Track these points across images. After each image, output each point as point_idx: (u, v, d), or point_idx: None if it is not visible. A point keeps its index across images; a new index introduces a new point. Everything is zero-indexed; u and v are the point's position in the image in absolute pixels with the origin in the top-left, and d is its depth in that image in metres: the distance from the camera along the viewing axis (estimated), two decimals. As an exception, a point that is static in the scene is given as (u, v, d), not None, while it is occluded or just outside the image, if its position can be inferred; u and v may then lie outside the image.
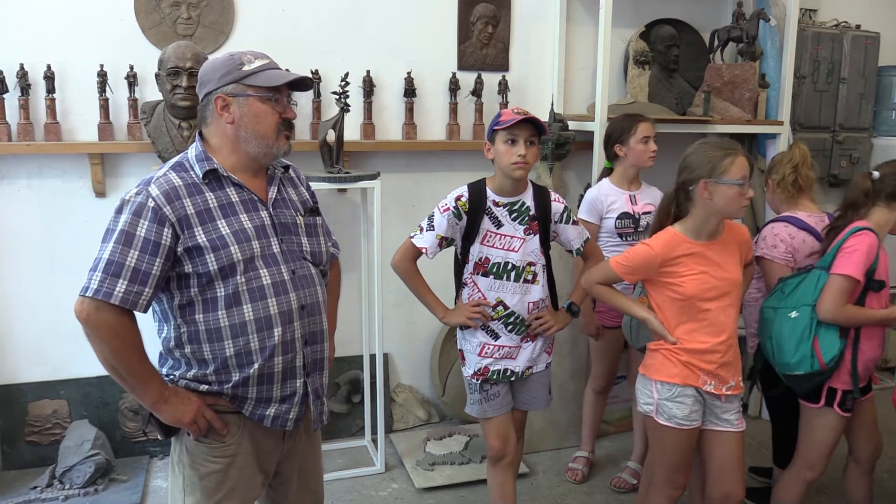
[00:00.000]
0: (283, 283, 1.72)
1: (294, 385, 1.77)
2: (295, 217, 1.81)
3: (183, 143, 2.96)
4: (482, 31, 3.60)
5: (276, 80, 1.69)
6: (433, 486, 3.15)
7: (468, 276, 2.41)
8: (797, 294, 2.40)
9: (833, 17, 4.22)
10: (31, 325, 3.21)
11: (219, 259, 1.64)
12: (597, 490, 3.19)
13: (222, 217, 1.68)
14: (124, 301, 1.57)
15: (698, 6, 3.95)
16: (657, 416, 2.27)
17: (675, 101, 3.71)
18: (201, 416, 1.70)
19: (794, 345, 2.36)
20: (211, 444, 1.74)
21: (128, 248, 1.59)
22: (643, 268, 2.25)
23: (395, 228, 3.53)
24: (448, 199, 2.38)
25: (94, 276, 1.58)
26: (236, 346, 1.68)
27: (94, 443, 3.09)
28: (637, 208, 3.00)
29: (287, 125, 1.75)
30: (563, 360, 3.47)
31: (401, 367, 3.79)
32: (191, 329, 1.69)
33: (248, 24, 3.28)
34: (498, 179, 2.38)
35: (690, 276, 2.19)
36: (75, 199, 3.18)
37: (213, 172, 1.70)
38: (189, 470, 1.76)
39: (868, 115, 4.28)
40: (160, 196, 1.63)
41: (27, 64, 2.98)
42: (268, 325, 1.69)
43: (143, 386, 1.65)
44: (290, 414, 1.78)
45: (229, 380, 1.70)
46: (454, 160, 3.64)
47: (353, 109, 3.32)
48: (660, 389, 2.26)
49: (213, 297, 1.66)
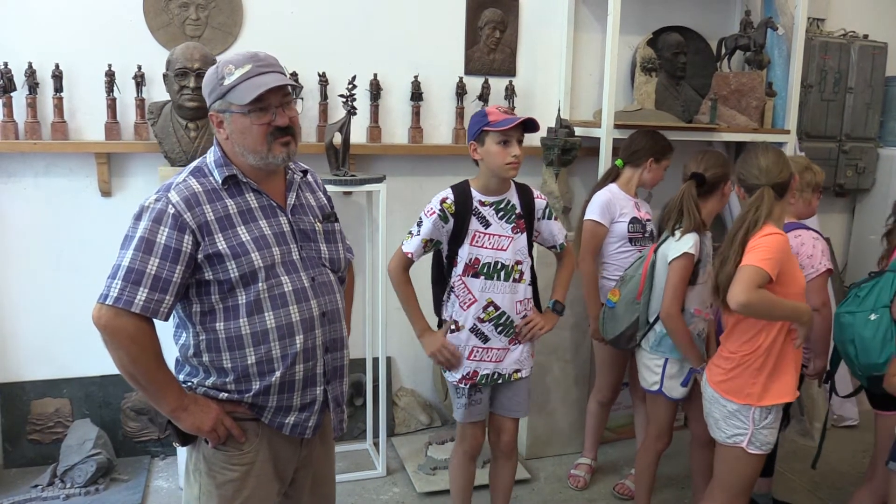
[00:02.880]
0: (303, 290, 1.70)
1: (314, 393, 1.75)
2: (314, 223, 1.78)
3: (189, 143, 2.96)
4: (490, 36, 3.61)
5: (247, 97, 1.60)
6: (434, 491, 3.14)
7: (457, 279, 2.38)
8: (872, 297, 2.40)
9: (841, 26, 4.22)
10: (36, 324, 3.21)
11: (240, 266, 1.62)
12: (599, 497, 3.18)
13: (242, 224, 1.65)
14: (145, 309, 1.55)
15: (706, 14, 3.95)
16: (749, 447, 2.20)
17: (682, 108, 3.71)
18: (220, 423, 1.67)
19: (878, 345, 2.34)
20: (229, 451, 1.71)
21: (148, 256, 1.56)
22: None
23: (400, 232, 3.51)
24: (433, 202, 2.36)
25: (113, 283, 1.55)
26: (258, 354, 1.66)
27: (96, 442, 3.08)
28: (642, 215, 3.03)
29: (281, 132, 1.66)
30: (566, 365, 3.47)
31: (403, 371, 3.78)
32: (210, 337, 1.66)
33: (256, 26, 3.28)
34: (483, 179, 2.37)
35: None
36: (81, 198, 3.19)
37: (232, 178, 1.68)
38: (206, 478, 1.73)
39: (874, 124, 4.27)
40: (180, 202, 1.60)
41: (35, 63, 2.99)
42: (290, 332, 1.67)
43: (162, 393, 1.62)
44: (310, 422, 1.76)
45: (249, 389, 1.68)
46: (460, 164, 3.63)
47: (360, 112, 3.33)
48: (758, 416, 2.18)
49: (234, 305, 1.64)
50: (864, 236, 4.41)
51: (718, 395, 2.24)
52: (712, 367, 2.31)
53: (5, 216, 3.13)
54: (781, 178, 2.20)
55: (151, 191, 1.68)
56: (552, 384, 3.46)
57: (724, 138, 3.63)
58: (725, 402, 2.22)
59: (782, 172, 2.20)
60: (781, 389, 2.18)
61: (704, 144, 3.77)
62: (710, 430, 2.32)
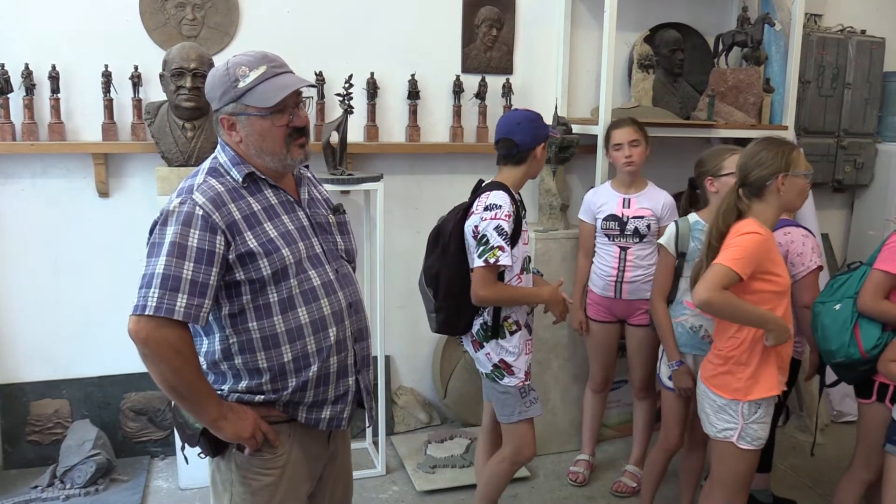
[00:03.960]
0: (330, 282, 1.70)
1: (347, 383, 1.75)
2: (327, 216, 1.79)
3: (186, 143, 2.96)
4: (486, 34, 3.60)
5: (272, 99, 1.60)
6: (434, 489, 3.14)
7: (514, 278, 2.41)
8: (843, 288, 2.45)
9: (838, 22, 4.21)
10: (34, 325, 3.20)
11: (272, 263, 1.60)
12: (598, 494, 3.18)
13: (267, 220, 1.64)
14: (187, 316, 1.51)
15: (703, 10, 3.94)
16: (739, 442, 2.21)
17: (680, 105, 3.71)
18: (258, 429, 1.65)
19: (835, 333, 2.40)
20: (264, 456, 1.69)
21: (182, 261, 1.52)
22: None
23: (397, 231, 3.53)
24: (503, 205, 2.32)
25: (149, 293, 1.50)
26: (294, 351, 1.65)
27: (96, 442, 3.08)
28: (628, 212, 3.01)
29: (298, 133, 1.67)
30: (565, 363, 3.47)
31: (402, 370, 3.78)
32: (242, 339, 1.64)
33: (252, 26, 3.28)
34: (520, 179, 2.45)
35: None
36: (79, 198, 3.18)
37: (250, 176, 1.66)
38: (239, 487, 1.70)
39: (873, 120, 4.27)
40: (207, 203, 1.57)
41: (32, 64, 2.99)
42: (323, 325, 1.67)
43: (205, 404, 1.59)
44: (345, 413, 1.76)
45: (286, 386, 1.66)
46: (457, 163, 3.64)
47: (357, 111, 3.33)
48: (747, 411, 2.19)
49: (265, 304, 1.62)
50: (863, 232, 4.40)
51: (708, 389, 2.26)
52: (706, 362, 2.32)
53: (3, 217, 3.13)
54: (751, 179, 2.18)
55: (149, 191, 1.67)
56: (551, 382, 3.46)
57: (721, 135, 3.62)
58: (715, 396, 2.24)
59: (752, 173, 2.18)
60: (767, 383, 2.19)
61: (702, 141, 3.77)
62: (703, 426, 2.33)
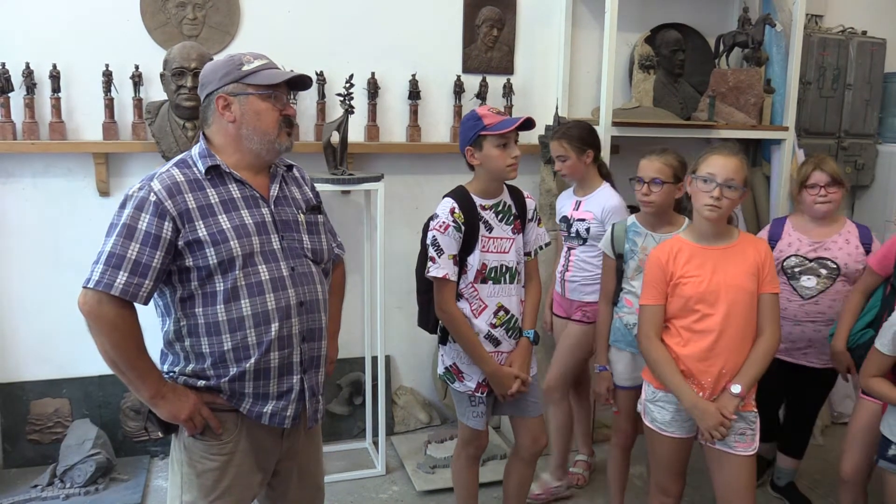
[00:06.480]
0: (281, 279, 1.74)
1: (290, 381, 1.78)
2: (296, 214, 1.83)
3: (187, 143, 2.96)
4: (487, 35, 3.60)
5: (276, 79, 1.74)
6: (434, 489, 3.15)
7: (468, 286, 2.33)
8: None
9: (839, 23, 4.21)
10: (35, 324, 3.21)
11: (218, 253, 1.67)
12: (598, 494, 3.18)
13: (223, 212, 1.71)
14: (124, 292, 1.60)
15: (704, 11, 3.94)
16: (644, 417, 2.33)
17: (680, 105, 3.71)
18: (198, 412, 1.72)
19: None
20: (208, 441, 1.77)
21: (129, 241, 1.62)
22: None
23: (398, 231, 3.53)
24: (441, 215, 2.27)
25: (96, 267, 1.62)
26: (234, 341, 1.70)
27: (96, 442, 3.09)
28: (576, 214, 2.95)
29: (287, 122, 1.78)
30: (565, 364, 3.46)
31: (402, 370, 3.78)
32: (190, 322, 1.71)
33: (253, 25, 3.28)
34: (482, 183, 2.34)
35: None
36: (80, 198, 3.19)
37: (215, 168, 1.74)
38: (187, 467, 1.78)
39: (873, 121, 4.26)
40: (162, 191, 1.66)
41: (33, 63, 2.99)
42: (265, 320, 1.71)
43: (141, 380, 1.67)
44: (287, 411, 1.79)
45: (226, 374, 1.72)
46: (458, 163, 3.58)
47: (358, 111, 3.33)
48: (646, 390, 2.33)
49: (212, 292, 1.69)
50: (864, 233, 4.40)
51: None
52: None
53: (4, 217, 3.13)
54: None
55: (147, 190, 1.71)
56: (551, 382, 3.45)
57: (722, 135, 3.62)
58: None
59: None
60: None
61: (703, 142, 3.77)
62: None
